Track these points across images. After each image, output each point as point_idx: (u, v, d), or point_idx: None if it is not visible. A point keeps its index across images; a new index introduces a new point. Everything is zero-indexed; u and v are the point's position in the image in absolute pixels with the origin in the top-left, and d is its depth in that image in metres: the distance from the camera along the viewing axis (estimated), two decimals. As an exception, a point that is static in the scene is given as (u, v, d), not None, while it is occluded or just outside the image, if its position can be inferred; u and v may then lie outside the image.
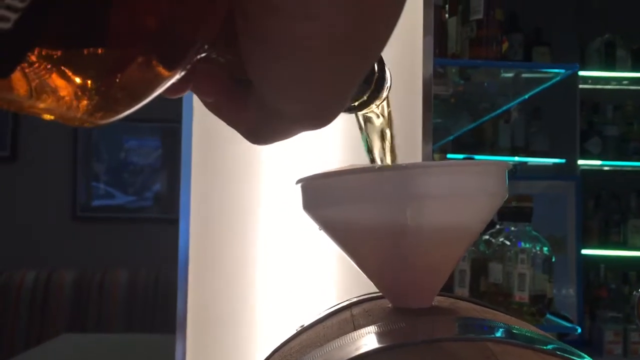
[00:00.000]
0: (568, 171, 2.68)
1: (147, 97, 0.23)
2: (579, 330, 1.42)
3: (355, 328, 0.32)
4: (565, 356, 0.27)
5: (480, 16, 1.45)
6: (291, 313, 0.81)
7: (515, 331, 0.29)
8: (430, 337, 0.28)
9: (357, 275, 0.37)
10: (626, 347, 2.54)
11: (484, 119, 2.11)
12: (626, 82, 2.87)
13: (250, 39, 0.23)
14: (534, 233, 1.36)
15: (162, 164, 2.79)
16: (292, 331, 0.41)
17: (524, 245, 1.34)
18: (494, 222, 1.42)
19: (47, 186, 2.70)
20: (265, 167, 0.82)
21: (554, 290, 1.45)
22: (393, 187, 0.32)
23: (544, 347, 0.28)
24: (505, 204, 0.37)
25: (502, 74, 1.63)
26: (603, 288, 2.72)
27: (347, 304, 0.41)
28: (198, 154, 0.81)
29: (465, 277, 1.41)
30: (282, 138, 0.28)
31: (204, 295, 0.81)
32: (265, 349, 0.79)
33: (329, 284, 0.81)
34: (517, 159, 2.62)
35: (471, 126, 2.21)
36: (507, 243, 1.36)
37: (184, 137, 0.81)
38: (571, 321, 1.62)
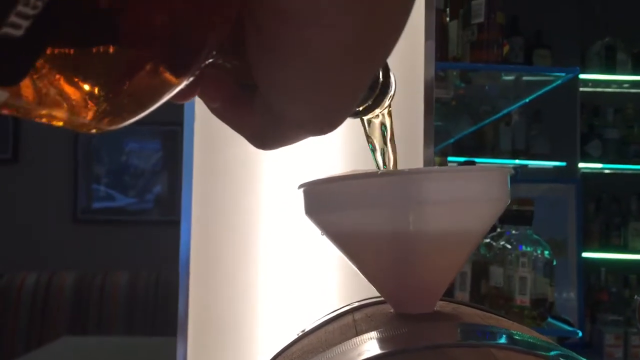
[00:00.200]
0: (568, 174, 2.68)
1: (155, 104, 0.23)
2: (580, 334, 1.42)
3: (358, 333, 0.32)
4: (568, 362, 0.27)
5: (481, 20, 1.46)
6: (292, 316, 0.80)
7: (518, 337, 0.29)
8: (433, 343, 0.28)
9: (359, 278, 0.37)
10: (627, 350, 2.54)
11: (485, 122, 2.11)
12: (627, 85, 2.87)
13: (258, 45, 0.23)
14: (535, 236, 1.36)
15: (162, 167, 2.79)
16: (293, 335, 0.41)
17: (525, 248, 1.34)
18: (494, 226, 1.42)
19: (48, 188, 2.70)
20: (267, 169, 0.82)
21: (554, 294, 1.45)
22: (396, 192, 0.32)
23: (547, 353, 0.27)
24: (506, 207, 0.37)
25: (503, 77, 1.63)
26: (604, 291, 2.72)
27: (348, 309, 0.41)
28: (200, 156, 0.81)
29: (466, 280, 1.41)
30: (287, 143, 0.28)
31: (205, 298, 0.81)
32: (267, 351, 0.79)
33: (330, 287, 0.81)
34: (517, 161, 2.62)
35: (472, 129, 2.21)
36: (508, 246, 1.36)
37: (186, 139, 0.81)
38: (572, 325, 1.62)
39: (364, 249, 0.34)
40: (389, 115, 0.39)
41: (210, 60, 0.25)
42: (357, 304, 0.42)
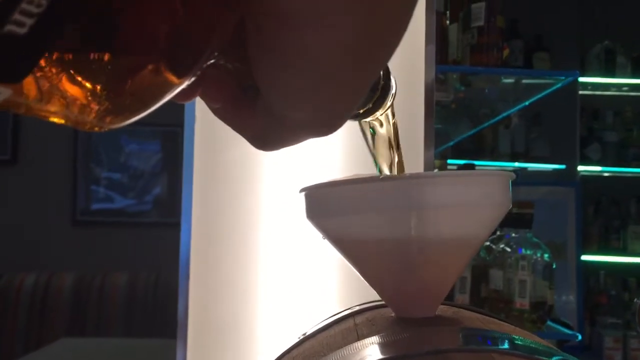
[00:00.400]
0: (568, 177, 2.69)
1: (156, 103, 0.23)
2: (579, 337, 1.42)
3: (359, 338, 0.32)
4: (570, 367, 0.27)
5: (481, 23, 1.46)
6: (293, 318, 0.80)
7: (519, 342, 0.29)
8: (434, 348, 0.28)
9: (359, 282, 0.37)
10: (626, 353, 2.54)
11: (485, 125, 2.12)
12: (626, 88, 2.87)
13: (259, 46, 0.23)
14: (535, 239, 1.36)
15: (162, 168, 2.79)
16: (293, 338, 0.41)
17: (525, 251, 1.34)
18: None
19: (47, 189, 2.70)
20: (267, 171, 0.82)
21: (554, 297, 1.45)
22: (397, 197, 0.32)
23: (548, 358, 0.28)
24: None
25: (503, 80, 1.63)
26: (603, 294, 2.72)
27: (349, 312, 0.41)
28: (200, 157, 0.81)
29: (465, 283, 1.41)
30: (288, 144, 0.28)
31: (204, 300, 0.81)
32: (267, 353, 0.79)
33: (331, 289, 0.81)
34: (517, 164, 2.62)
35: (472, 132, 2.21)
36: (508, 249, 1.36)
37: (186, 140, 0.81)
38: (571, 328, 1.62)
39: (365, 254, 0.34)
40: (392, 117, 0.39)
41: (212, 61, 0.25)
42: (357, 307, 0.42)
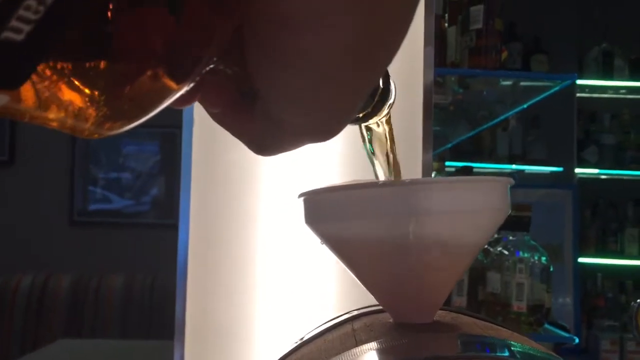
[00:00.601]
0: (565, 180, 2.69)
1: (155, 109, 0.23)
2: (576, 340, 1.42)
3: (357, 343, 0.32)
4: (568, 375, 0.27)
5: (479, 26, 1.46)
6: (291, 319, 0.80)
7: (517, 349, 0.29)
8: (433, 355, 0.28)
9: (357, 286, 0.37)
10: (623, 356, 2.54)
11: (483, 127, 2.12)
12: (623, 91, 2.88)
13: (258, 51, 0.23)
14: (532, 242, 1.36)
15: (160, 169, 2.78)
16: (291, 341, 0.41)
17: (522, 254, 1.34)
18: (491, 231, 1.42)
19: (44, 190, 2.70)
20: (266, 173, 0.82)
21: (551, 299, 1.45)
22: (396, 202, 0.32)
23: (546, 365, 0.27)
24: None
25: (501, 83, 1.64)
26: (600, 297, 2.72)
27: (347, 317, 0.40)
28: (198, 159, 0.81)
29: (463, 286, 1.41)
30: (286, 149, 0.28)
31: (202, 302, 0.81)
32: (264, 355, 0.79)
33: (329, 293, 0.81)
34: (514, 167, 2.63)
35: (470, 134, 2.22)
36: (506, 252, 1.36)
37: (184, 142, 0.81)
38: (568, 330, 1.62)
39: (363, 259, 0.34)
40: (387, 123, 0.39)
41: (211, 66, 0.25)
42: (356, 312, 0.41)
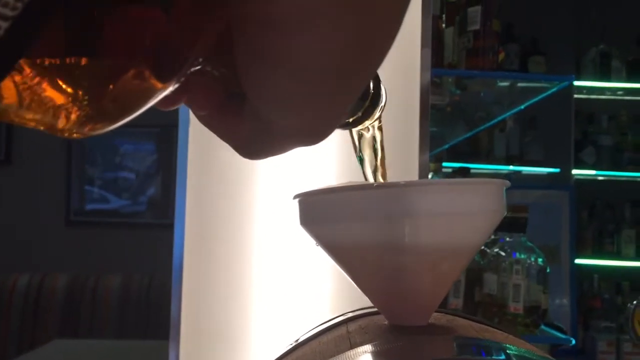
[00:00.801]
0: (562, 181, 2.69)
1: (139, 109, 0.22)
2: (573, 341, 1.42)
3: (352, 346, 0.32)
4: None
5: (477, 27, 1.46)
6: (286, 319, 0.80)
7: (513, 352, 0.29)
8: (428, 358, 0.27)
9: (353, 287, 0.37)
10: (619, 357, 2.54)
11: (480, 128, 2.12)
12: (621, 92, 2.88)
13: (246, 53, 0.22)
14: (529, 244, 1.36)
15: (156, 169, 2.78)
16: (286, 342, 0.41)
17: (519, 256, 1.34)
18: (488, 233, 1.42)
19: (41, 190, 2.69)
20: (262, 173, 0.82)
21: (548, 300, 1.45)
22: (391, 204, 0.32)
23: (542, 369, 0.27)
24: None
25: (498, 84, 1.64)
26: (596, 298, 2.72)
27: (342, 319, 0.40)
28: (194, 158, 0.81)
29: (459, 287, 1.41)
30: (275, 153, 0.28)
31: (198, 302, 0.80)
32: (259, 355, 0.78)
33: (324, 291, 0.81)
34: (511, 168, 2.63)
35: (467, 135, 2.22)
36: (502, 254, 1.36)
37: (180, 141, 0.81)
38: (565, 332, 1.62)
39: (358, 261, 0.34)
40: (379, 129, 0.39)
41: (198, 68, 0.24)
42: (350, 314, 0.41)
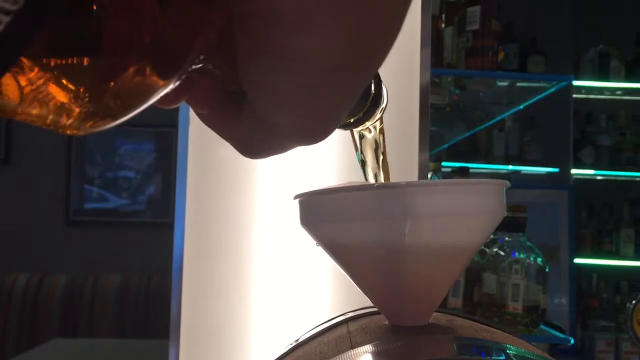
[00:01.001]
0: (561, 180, 2.69)
1: (140, 106, 0.22)
2: (571, 341, 1.42)
3: (353, 346, 0.32)
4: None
5: (476, 27, 1.46)
6: (286, 318, 0.80)
7: (513, 352, 0.29)
8: (428, 358, 0.28)
9: (353, 287, 0.37)
10: (618, 356, 2.55)
11: (479, 128, 2.12)
12: (619, 92, 2.88)
13: (247, 51, 0.23)
14: (528, 243, 1.36)
15: (156, 168, 2.78)
16: (286, 342, 0.41)
17: (518, 255, 1.34)
18: (487, 232, 1.41)
19: (40, 189, 2.69)
20: (261, 172, 0.82)
21: (547, 300, 1.45)
22: (391, 205, 0.32)
23: (541, 369, 0.27)
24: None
25: (497, 84, 1.63)
26: (595, 297, 2.73)
27: (343, 319, 0.40)
28: (194, 158, 0.81)
29: (459, 287, 1.41)
30: (275, 153, 0.28)
31: (197, 301, 0.81)
32: (259, 354, 0.79)
33: (324, 291, 0.81)
34: (511, 167, 2.63)
35: (466, 135, 2.22)
36: (501, 253, 1.36)
37: (180, 141, 0.81)
38: (564, 331, 1.62)
39: (359, 261, 0.34)
40: (381, 132, 0.39)
41: (199, 66, 0.24)
42: (351, 314, 0.41)
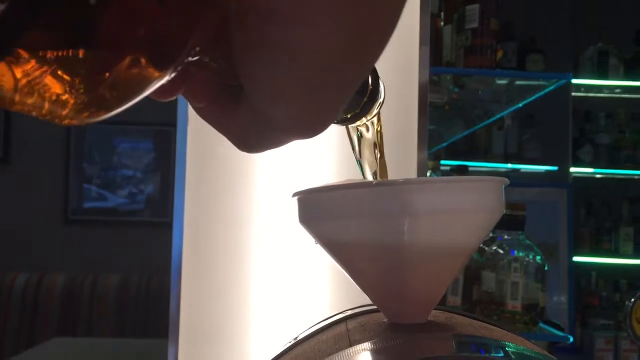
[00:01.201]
0: (560, 178, 2.69)
1: (136, 97, 0.22)
2: (571, 339, 1.42)
3: (351, 343, 0.32)
4: (562, 375, 0.27)
5: (475, 25, 1.46)
6: (285, 317, 0.80)
7: (512, 349, 0.29)
8: (427, 355, 0.28)
9: (352, 285, 0.37)
10: (617, 354, 2.55)
11: (478, 126, 2.12)
12: (618, 90, 2.88)
13: (244, 44, 0.23)
14: (527, 242, 1.36)
15: (155, 167, 2.78)
16: (285, 340, 0.41)
17: (517, 253, 1.34)
18: (487, 230, 1.41)
19: (39, 188, 2.69)
20: (260, 171, 0.82)
21: (546, 298, 1.45)
22: (390, 202, 0.32)
23: (540, 366, 0.27)
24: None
25: (496, 82, 1.63)
26: (594, 296, 2.73)
27: (341, 317, 0.40)
28: (192, 157, 0.81)
29: (458, 285, 1.41)
30: (272, 147, 0.28)
31: (197, 300, 0.80)
32: (258, 354, 0.79)
33: (323, 289, 0.81)
34: (510, 165, 2.63)
35: (465, 133, 2.22)
36: (500, 251, 1.36)
37: (179, 140, 0.81)
38: (563, 329, 1.62)
39: (357, 259, 0.34)
40: (378, 124, 0.39)
41: (196, 58, 0.24)
42: (350, 312, 0.41)
